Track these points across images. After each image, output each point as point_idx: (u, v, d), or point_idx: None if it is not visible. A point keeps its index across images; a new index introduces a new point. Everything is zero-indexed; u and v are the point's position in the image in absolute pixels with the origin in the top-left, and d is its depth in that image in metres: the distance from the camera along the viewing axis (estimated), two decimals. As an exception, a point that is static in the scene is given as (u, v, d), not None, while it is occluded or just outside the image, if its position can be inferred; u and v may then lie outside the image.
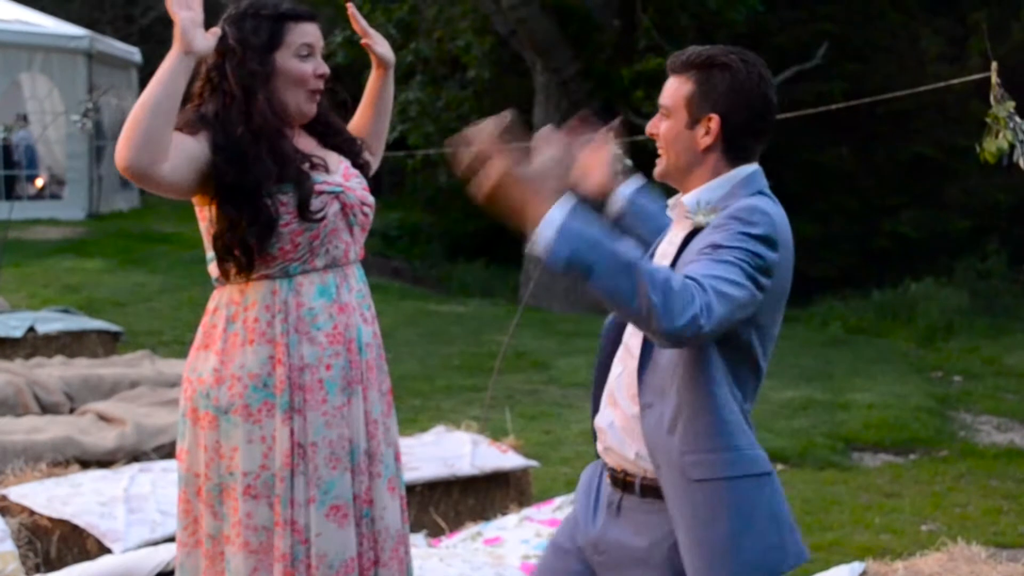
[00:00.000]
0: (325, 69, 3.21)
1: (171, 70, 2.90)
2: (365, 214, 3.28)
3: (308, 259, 3.15)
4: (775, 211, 2.60)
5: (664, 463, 2.62)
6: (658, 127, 2.75)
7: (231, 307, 3.17)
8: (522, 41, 15.36)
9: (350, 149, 3.38)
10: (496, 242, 17.10)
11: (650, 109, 14.52)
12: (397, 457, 3.33)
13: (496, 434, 6.45)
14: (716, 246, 2.51)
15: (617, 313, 2.53)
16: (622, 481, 2.74)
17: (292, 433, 3.11)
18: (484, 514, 5.60)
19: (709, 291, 2.39)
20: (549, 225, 2.35)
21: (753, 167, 2.71)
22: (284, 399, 3.11)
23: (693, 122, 2.68)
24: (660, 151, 2.76)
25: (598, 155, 3.01)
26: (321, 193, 3.14)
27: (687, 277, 2.40)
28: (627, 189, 3.04)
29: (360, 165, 3.37)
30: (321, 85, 3.21)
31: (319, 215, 3.11)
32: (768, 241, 2.53)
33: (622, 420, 2.73)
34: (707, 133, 2.67)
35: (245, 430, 3.11)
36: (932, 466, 7.62)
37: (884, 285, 14.54)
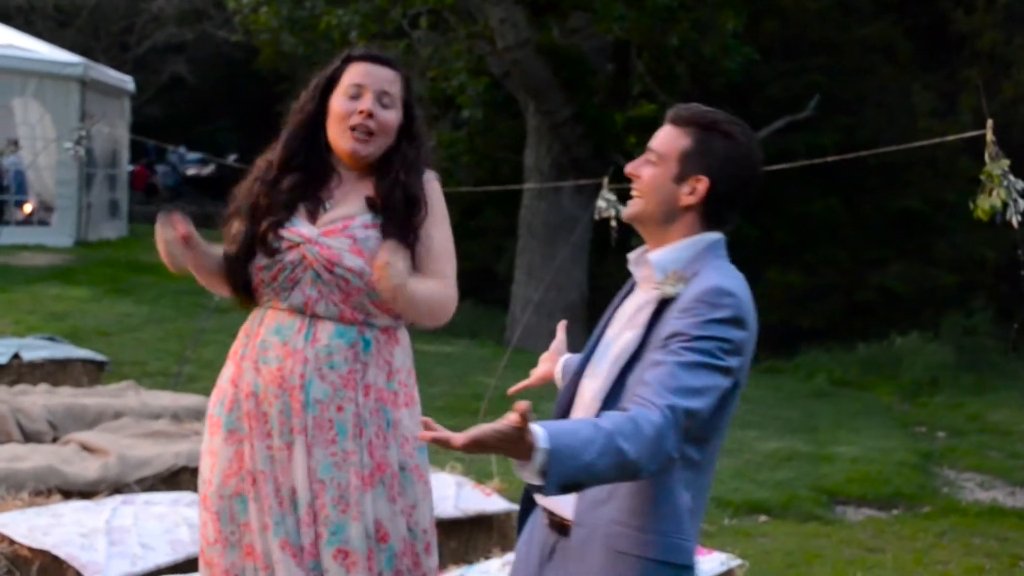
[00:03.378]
0: (374, 109, 3.16)
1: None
2: (335, 275, 3.15)
3: (272, 298, 3.22)
4: (739, 287, 2.58)
5: (590, 527, 2.61)
6: (640, 170, 2.71)
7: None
8: (516, 83, 15.43)
9: (393, 214, 3.21)
10: (483, 283, 17.10)
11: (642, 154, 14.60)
12: (380, 535, 3.19)
13: (480, 477, 6.43)
14: (685, 338, 2.49)
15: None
16: (559, 525, 2.73)
17: (241, 456, 3.17)
18: (467, 557, 5.57)
19: (680, 416, 2.40)
20: (534, 467, 2.26)
21: (719, 234, 2.69)
22: (231, 418, 3.19)
23: (680, 177, 2.66)
24: (636, 194, 2.72)
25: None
26: (281, 238, 3.17)
27: (655, 406, 2.39)
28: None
29: (398, 233, 3.18)
30: (364, 122, 3.17)
31: (270, 250, 3.18)
32: (736, 322, 2.53)
33: None
34: (692, 193, 2.65)
35: (207, 441, 3.27)
36: (915, 522, 7.60)
37: (870, 338, 14.56)
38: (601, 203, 6.76)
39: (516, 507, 5.92)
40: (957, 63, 17.12)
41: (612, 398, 2.60)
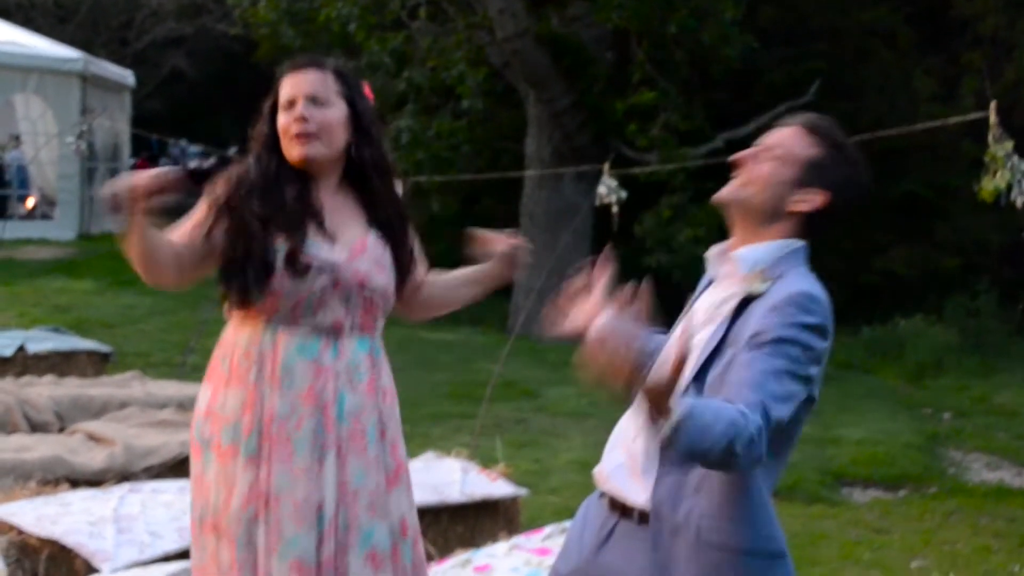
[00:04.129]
0: (305, 113, 3.19)
1: (128, 242, 3.08)
2: (367, 296, 3.22)
3: (291, 319, 3.16)
4: (823, 296, 2.59)
5: (671, 520, 2.58)
6: (759, 161, 2.69)
7: (225, 345, 3.24)
8: (516, 72, 15.40)
9: (391, 229, 3.32)
10: (486, 272, 17.06)
11: (644, 143, 14.56)
12: (404, 530, 3.26)
13: (485, 462, 6.43)
14: (774, 339, 2.49)
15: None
16: (621, 507, 2.72)
17: (258, 480, 3.10)
18: (473, 541, 5.57)
19: (772, 423, 2.41)
20: (680, 421, 2.27)
21: (804, 242, 2.69)
22: (250, 444, 3.12)
23: (799, 183, 2.64)
24: (745, 182, 2.69)
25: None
26: (309, 266, 3.13)
27: (754, 410, 2.39)
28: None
29: (397, 254, 3.31)
30: (300, 128, 3.19)
31: (300, 273, 3.11)
32: (822, 331, 2.53)
33: (630, 462, 2.70)
34: (805, 202, 2.64)
35: (216, 468, 3.15)
36: (922, 503, 7.61)
37: (874, 322, 14.55)
38: (602, 189, 6.75)
39: (522, 492, 5.94)
40: (958, 48, 17.08)
41: (688, 395, 2.59)
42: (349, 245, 3.20)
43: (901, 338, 13.75)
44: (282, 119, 3.22)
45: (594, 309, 2.51)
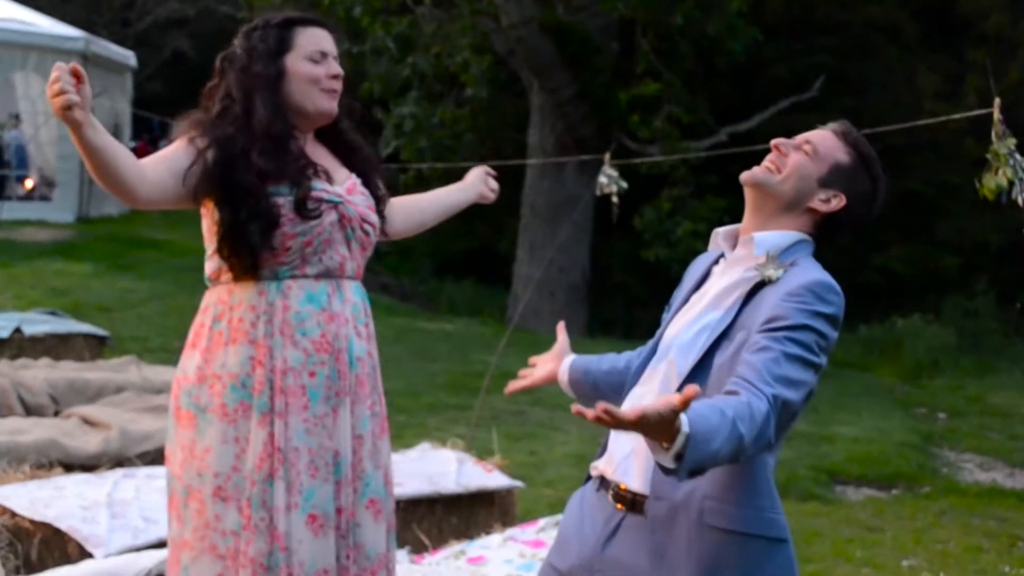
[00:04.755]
0: (338, 70, 3.24)
1: (79, 145, 2.86)
2: (365, 232, 3.27)
3: (299, 266, 3.14)
4: (840, 290, 2.61)
5: (672, 501, 2.58)
6: (792, 151, 2.73)
7: (219, 306, 3.18)
8: (520, 61, 15.39)
9: (365, 170, 3.38)
10: (485, 261, 17.08)
11: (646, 134, 14.55)
12: (387, 481, 3.28)
13: (481, 453, 6.43)
14: (789, 325, 2.50)
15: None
16: (630, 501, 2.71)
17: (272, 437, 3.08)
18: (468, 532, 5.58)
19: (780, 406, 2.41)
20: (678, 444, 2.22)
21: (811, 239, 2.74)
22: (262, 400, 3.09)
23: (825, 183, 2.70)
24: (775, 169, 2.73)
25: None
26: (319, 200, 3.14)
27: (762, 393, 2.39)
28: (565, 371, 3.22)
29: (373, 191, 3.37)
30: (336, 86, 3.23)
31: (314, 214, 3.11)
32: (834, 321, 2.56)
33: (641, 448, 2.70)
34: (827, 201, 2.70)
35: (220, 429, 3.10)
36: (915, 502, 7.62)
37: (872, 320, 14.56)
38: (603, 179, 6.70)
39: (517, 483, 5.94)
40: (963, 45, 17.07)
41: (695, 377, 2.59)
42: (344, 185, 3.26)
43: (898, 337, 13.77)
44: (310, 68, 3.20)
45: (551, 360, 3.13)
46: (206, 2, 29.49)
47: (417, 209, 3.70)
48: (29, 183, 19.06)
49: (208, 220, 3.18)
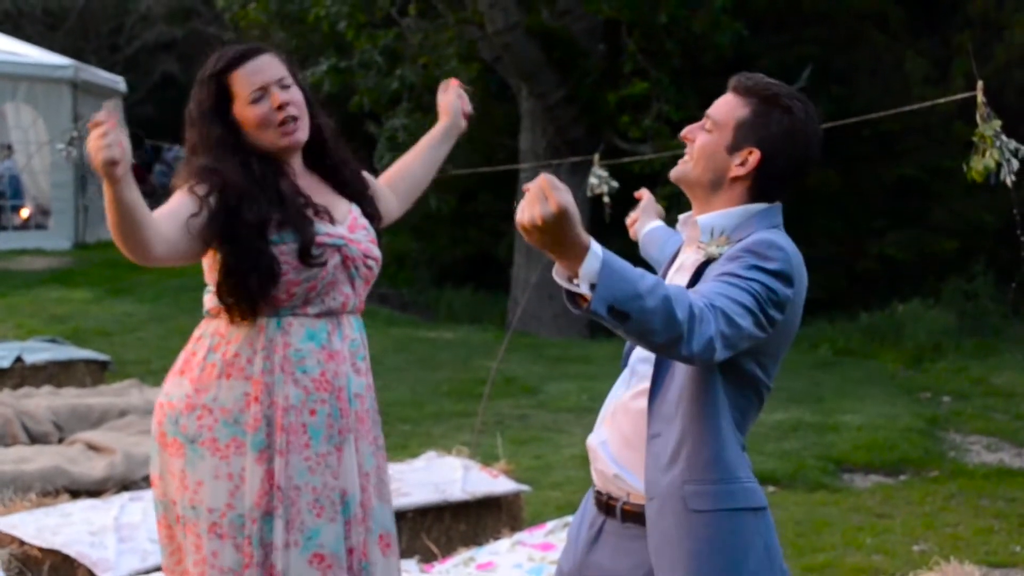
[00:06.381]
0: (286, 97, 3.15)
1: (110, 201, 2.79)
2: (369, 267, 3.24)
3: (300, 306, 3.13)
4: (790, 247, 2.57)
5: (660, 494, 2.58)
6: (695, 134, 2.73)
7: (215, 338, 3.16)
8: (507, 67, 15.39)
9: (362, 198, 3.35)
10: (483, 268, 17.07)
11: (637, 134, 14.55)
12: (391, 510, 3.30)
13: (487, 459, 6.44)
14: (731, 274, 2.47)
15: (638, 343, 2.41)
16: (605, 504, 2.72)
17: (272, 474, 3.06)
18: (476, 539, 5.58)
19: (720, 316, 2.35)
20: (591, 267, 2.21)
21: (770, 204, 2.69)
22: (258, 437, 3.07)
23: (734, 148, 2.65)
24: (688, 157, 2.72)
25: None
26: (323, 245, 3.11)
27: (703, 300, 2.36)
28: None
29: (370, 215, 3.34)
30: (291, 112, 3.15)
31: (319, 261, 3.09)
32: (783, 277, 2.50)
33: (615, 440, 2.71)
34: (742, 164, 2.64)
35: (212, 464, 3.09)
36: (923, 487, 7.61)
37: (871, 307, 14.55)
38: (593, 180, 6.71)
39: (524, 488, 5.94)
40: (950, 29, 17.06)
41: (656, 360, 2.61)
42: (345, 222, 3.22)
43: (899, 322, 13.75)
44: (257, 111, 3.13)
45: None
46: (194, 24, 29.51)
47: (411, 179, 3.65)
48: (24, 212, 19.07)
49: (209, 259, 3.15)
